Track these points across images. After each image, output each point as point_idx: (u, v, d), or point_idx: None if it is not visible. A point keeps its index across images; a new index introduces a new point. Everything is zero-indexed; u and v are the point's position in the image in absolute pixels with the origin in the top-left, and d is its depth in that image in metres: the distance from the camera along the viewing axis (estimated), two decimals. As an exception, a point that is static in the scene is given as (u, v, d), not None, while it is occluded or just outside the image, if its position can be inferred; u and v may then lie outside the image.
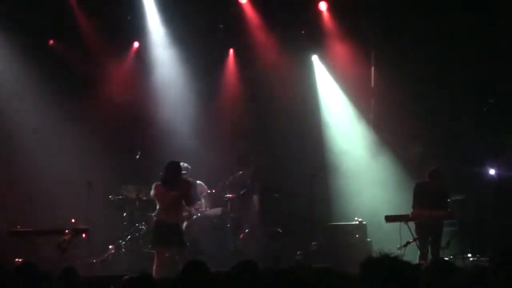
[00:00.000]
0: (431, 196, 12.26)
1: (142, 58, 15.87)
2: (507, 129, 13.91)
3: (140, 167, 13.99)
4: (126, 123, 15.43)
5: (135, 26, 15.61)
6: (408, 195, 12.51)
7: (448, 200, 12.69)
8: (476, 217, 13.22)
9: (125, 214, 14.28)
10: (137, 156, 13.89)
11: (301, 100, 15.58)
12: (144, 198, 13.77)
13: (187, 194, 11.46)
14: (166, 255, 11.53)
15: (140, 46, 15.94)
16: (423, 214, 12.19)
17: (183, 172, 11.90)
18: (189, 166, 13.35)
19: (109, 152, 14.93)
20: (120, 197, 14.32)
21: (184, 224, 12.98)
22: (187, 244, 11.74)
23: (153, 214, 11.67)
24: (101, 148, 14.90)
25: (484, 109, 14.36)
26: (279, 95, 15.28)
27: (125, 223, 14.22)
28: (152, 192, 11.46)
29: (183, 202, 11.49)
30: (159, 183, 11.38)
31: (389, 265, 4.75)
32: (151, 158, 14.18)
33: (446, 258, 11.43)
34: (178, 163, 11.59)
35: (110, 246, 13.72)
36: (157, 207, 11.47)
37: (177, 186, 11.29)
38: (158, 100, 15.67)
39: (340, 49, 15.58)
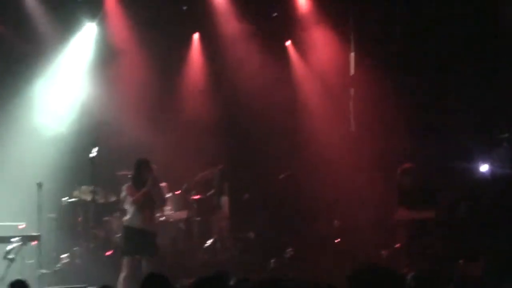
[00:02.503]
0: (413, 196, 11.64)
1: (100, 44, 15.27)
2: (499, 122, 13.42)
3: (96, 166, 13.28)
4: (81, 116, 14.90)
5: (91, 9, 15.08)
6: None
7: (436, 199, 12.07)
8: (468, 218, 12.58)
9: (79, 218, 13.83)
10: (92, 154, 13.07)
11: (273, 91, 15.13)
12: (101, 200, 13.55)
13: (159, 191, 11.51)
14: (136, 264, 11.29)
15: (97, 30, 15.29)
16: (409, 215, 11.66)
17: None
18: (155, 166, 12.58)
19: (61, 149, 14.40)
20: (74, 199, 13.85)
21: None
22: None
23: (124, 219, 11.45)
24: (52, 144, 14.43)
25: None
26: (249, 86, 14.94)
27: (79, 228, 13.78)
28: (122, 194, 11.43)
29: (156, 202, 11.44)
30: (130, 184, 11.37)
31: (377, 278, 4.73)
32: (109, 156, 13.75)
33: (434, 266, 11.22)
34: (147, 160, 11.47)
35: (64, 255, 13.16)
36: (129, 211, 11.28)
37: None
38: (116, 90, 15.01)
39: (316, 34, 15.17)
